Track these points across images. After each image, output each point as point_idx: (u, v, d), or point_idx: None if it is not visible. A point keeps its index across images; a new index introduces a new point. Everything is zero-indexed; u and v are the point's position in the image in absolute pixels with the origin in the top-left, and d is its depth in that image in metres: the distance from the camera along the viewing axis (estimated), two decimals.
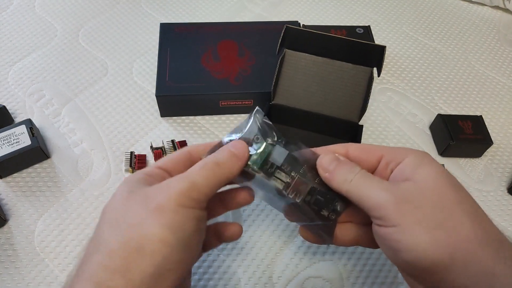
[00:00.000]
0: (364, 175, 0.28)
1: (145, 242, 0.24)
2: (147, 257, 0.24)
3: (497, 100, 0.62)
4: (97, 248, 0.25)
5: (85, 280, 0.24)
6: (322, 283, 0.44)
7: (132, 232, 0.25)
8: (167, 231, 0.25)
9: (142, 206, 0.26)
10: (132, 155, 0.51)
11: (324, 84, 0.53)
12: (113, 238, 0.25)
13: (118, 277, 0.24)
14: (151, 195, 0.26)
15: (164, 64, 0.56)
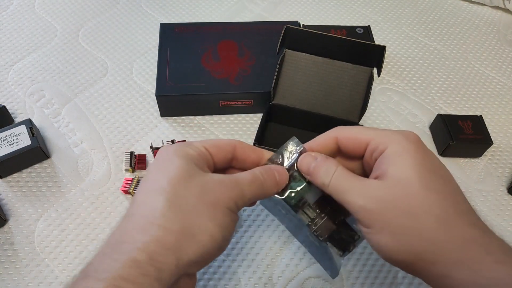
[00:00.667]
0: (339, 178, 0.29)
1: (198, 232, 0.27)
2: (196, 245, 0.26)
3: (497, 100, 0.62)
4: (153, 219, 0.26)
5: (138, 249, 0.25)
6: (322, 283, 0.44)
7: (190, 219, 0.27)
8: (218, 229, 0.27)
9: (199, 196, 0.27)
10: (132, 155, 0.51)
11: (324, 84, 0.53)
12: (172, 217, 0.26)
13: (170, 255, 0.25)
14: (208, 188, 0.28)
15: (164, 64, 0.56)
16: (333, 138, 0.32)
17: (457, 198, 0.28)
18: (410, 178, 0.27)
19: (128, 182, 0.49)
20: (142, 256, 0.25)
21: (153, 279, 0.24)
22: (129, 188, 0.48)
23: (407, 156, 0.28)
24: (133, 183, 0.48)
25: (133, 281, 0.24)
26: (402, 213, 0.27)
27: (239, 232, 0.47)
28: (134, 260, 0.24)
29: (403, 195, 0.27)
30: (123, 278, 0.24)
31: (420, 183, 0.27)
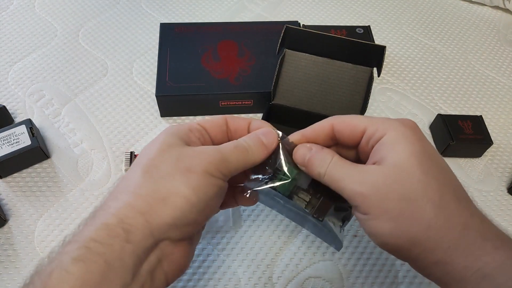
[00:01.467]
0: (334, 166, 0.30)
1: (169, 195, 0.27)
2: (169, 208, 0.27)
3: (497, 100, 0.62)
4: (126, 188, 0.28)
5: (110, 214, 0.26)
6: (322, 283, 0.44)
7: (161, 184, 0.28)
8: (191, 191, 0.28)
9: (174, 163, 0.28)
10: (132, 155, 0.51)
11: (324, 84, 0.53)
12: (143, 184, 0.28)
13: (139, 217, 0.26)
14: (185, 155, 0.29)
15: (164, 64, 0.56)
16: (329, 126, 0.32)
17: (455, 185, 0.28)
18: (408, 164, 0.27)
19: None
20: (112, 219, 0.26)
21: (122, 239, 0.25)
22: None
23: (406, 143, 0.28)
24: None
25: (102, 242, 0.25)
26: (400, 198, 0.27)
27: (239, 232, 0.47)
28: (105, 224, 0.26)
29: (401, 180, 0.27)
30: (93, 239, 0.25)
31: (419, 169, 0.27)
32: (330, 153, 0.30)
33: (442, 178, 0.28)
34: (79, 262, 0.24)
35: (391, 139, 0.28)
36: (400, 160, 0.27)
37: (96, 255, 0.25)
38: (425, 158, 0.28)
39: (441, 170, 0.28)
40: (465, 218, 0.27)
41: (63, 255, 0.25)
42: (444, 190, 0.27)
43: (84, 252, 0.25)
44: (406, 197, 0.27)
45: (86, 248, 0.25)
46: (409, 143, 0.28)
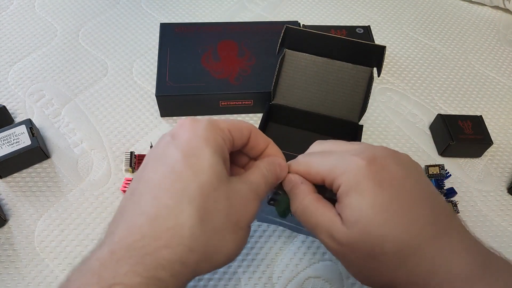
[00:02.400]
0: (305, 209, 0.30)
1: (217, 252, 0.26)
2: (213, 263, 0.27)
3: (497, 100, 0.62)
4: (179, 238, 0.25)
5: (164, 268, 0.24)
6: (322, 283, 0.44)
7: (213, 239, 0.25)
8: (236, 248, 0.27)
9: (226, 212, 0.26)
10: (132, 155, 0.51)
11: (324, 84, 0.53)
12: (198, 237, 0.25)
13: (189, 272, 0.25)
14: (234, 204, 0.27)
15: (164, 64, 0.56)
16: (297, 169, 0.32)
17: (425, 215, 0.27)
18: (364, 221, 0.26)
19: (128, 182, 0.48)
20: (165, 275, 0.24)
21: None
22: None
23: (360, 194, 0.27)
24: None
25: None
26: (362, 256, 0.27)
27: None
28: (157, 279, 0.23)
29: (360, 239, 0.27)
30: (116, 284, 0.22)
31: (375, 224, 0.26)
32: (305, 192, 0.30)
33: (405, 220, 0.26)
34: None
35: (345, 193, 0.27)
36: (356, 217, 0.27)
37: None
38: (381, 205, 0.26)
39: (405, 207, 0.27)
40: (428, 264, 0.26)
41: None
42: (404, 237, 0.26)
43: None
44: (367, 255, 0.27)
45: None
46: (363, 193, 0.27)
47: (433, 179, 0.51)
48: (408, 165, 0.29)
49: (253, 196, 0.28)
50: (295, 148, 0.53)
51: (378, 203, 0.26)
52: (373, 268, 0.27)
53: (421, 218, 0.27)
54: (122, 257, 0.23)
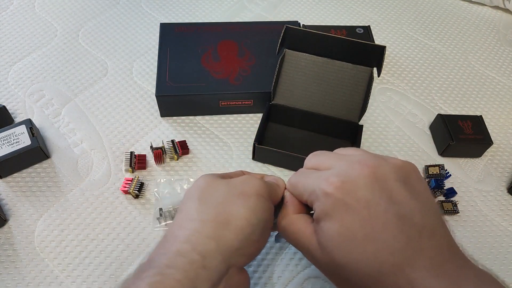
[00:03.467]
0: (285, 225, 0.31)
1: (231, 218, 0.28)
2: (233, 231, 0.28)
3: (497, 100, 0.62)
4: (188, 216, 0.29)
5: (181, 242, 0.27)
6: (321, 283, 0.44)
7: (221, 209, 0.29)
8: (251, 212, 0.29)
9: (226, 190, 0.30)
10: (132, 155, 0.51)
11: (324, 84, 0.53)
12: (204, 210, 0.29)
13: (210, 242, 0.27)
14: (234, 183, 0.31)
15: (164, 64, 0.56)
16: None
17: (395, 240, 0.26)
18: (331, 247, 0.27)
19: (128, 182, 0.48)
20: (185, 246, 0.27)
21: (198, 265, 0.26)
22: (129, 188, 0.48)
23: (328, 221, 0.28)
24: (133, 183, 0.48)
25: (178, 268, 0.25)
26: (337, 275, 0.28)
27: None
28: (178, 251, 0.26)
29: (330, 263, 0.28)
30: (168, 266, 0.26)
31: (341, 252, 0.27)
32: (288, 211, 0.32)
33: (373, 248, 0.26)
34: (157, 285, 0.25)
35: (317, 217, 0.29)
36: (325, 244, 0.28)
37: (172, 281, 0.25)
38: (346, 236, 0.27)
39: (369, 234, 0.26)
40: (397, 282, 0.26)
41: (139, 281, 0.25)
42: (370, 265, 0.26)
43: (160, 279, 0.25)
44: (342, 277, 0.28)
45: (162, 275, 0.25)
46: (331, 221, 0.27)
47: (433, 179, 0.51)
48: (383, 184, 0.27)
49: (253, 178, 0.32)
50: (295, 148, 0.53)
51: (344, 231, 0.27)
52: (349, 285, 0.28)
53: (390, 244, 0.26)
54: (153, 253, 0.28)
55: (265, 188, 0.31)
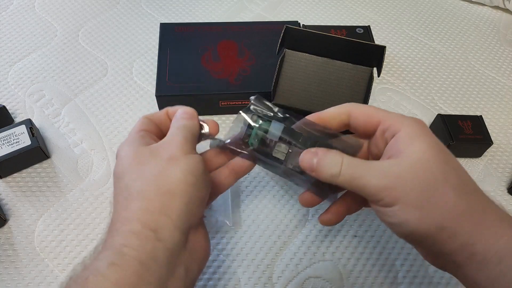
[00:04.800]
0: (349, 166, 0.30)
1: (171, 185, 0.28)
2: (177, 197, 0.28)
3: (497, 100, 0.62)
4: (130, 198, 0.28)
5: (131, 222, 0.27)
6: (322, 283, 0.44)
7: (159, 180, 0.29)
8: (187, 173, 0.29)
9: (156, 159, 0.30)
10: None
11: (324, 84, 0.53)
12: (142, 187, 0.28)
13: (160, 216, 0.27)
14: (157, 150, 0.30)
15: (164, 64, 0.56)
16: (346, 111, 0.33)
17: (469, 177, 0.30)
18: (428, 155, 0.28)
19: None
20: (136, 225, 0.27)
21: (153, 239, 0.26)
22: None
23: (422, 138, 0.29)
24: None
25: (133, 246, 0.26)
26: (424, 187, 0.28)
27: (239, 232, 0.47)
28: (131, 231, 0.27)
29: (424, 170, 0.28)
30: (124, 245, 0.26)
31: (438, 159, 0.28)
32: (339, 154, 0.30)
33: (458, 168, 0.29)
34: (115, 266, 0.25)
35: (407, 134, 0.29)
36: (420, 152, 0.29)
37: (130, 258, 0.25)
38: (442, 150, 0.29)
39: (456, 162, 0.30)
40: (483, 203, 0.29)
41: (97, 261, 0.26)
42: (461, 178, 0.29)
43: (118, 257, 0.25)
44: (430, 186, 0.28)
45: (120, 253, 0.26)
46: (425, 138, 0.29)
47: None
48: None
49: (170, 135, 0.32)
50: None
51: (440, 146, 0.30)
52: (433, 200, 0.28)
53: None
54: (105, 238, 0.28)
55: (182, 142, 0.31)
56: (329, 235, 0.47)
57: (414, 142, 0.29)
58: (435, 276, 0.45)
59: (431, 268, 0.45)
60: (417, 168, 0.28)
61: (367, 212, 0.49)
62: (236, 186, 0.50)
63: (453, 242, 0.27)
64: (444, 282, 0.44)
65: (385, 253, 0.46)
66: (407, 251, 0.46)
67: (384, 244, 0.47)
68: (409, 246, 0.46)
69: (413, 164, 0.28)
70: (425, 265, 0.45)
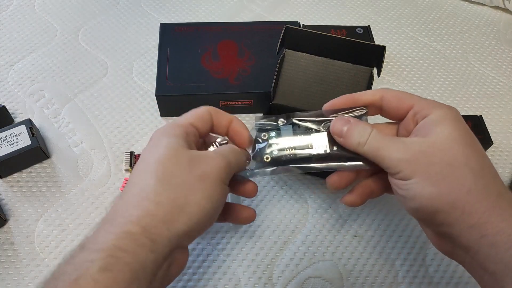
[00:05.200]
0: (376, 137, 0.31)
1: (187, 203, 0.28)
2: (186, 217, 0.28)
3: (497, 100, 0.62)
4: (144, 195, 0.28)
5: (133, 223, 0.27)
6: (322, 283, 0.44)
7: (179, 192, 0.28)
8: (207, 201, 0.29)
9: (188, 170, 0.29)
10: (132, 155, 0.51)
11: (324, 84, 0.53)
12: (162, 192, 0.28)
13: (162, 226, 0.27)
14: (197, 161, 0.30)
15: (164, 64, 0.56)
16: (380, 95, 0.34)
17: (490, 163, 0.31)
18: (452, 136, 0.30)
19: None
20: (136, 228, 0.26)
21: (148, 249, 0.26)
22: None
23: (450, 122, 0.30)
24: None
25: (128, 251, 0.25)
26: (443, 164, 0.29)
27: (239, 232, 0.47)
28: (128, 232, 0.26)
29: (445, 149, 0.29)
30: (119, 248, 0.25)
31: (462, 142, 0.30)
32: (369, 125, 0.32)
33: (481, 154, 0.30)
34: (107, 272, 0.25)
35: (436, 118, 0.31)
36: (445, 133, 0.30)
37: (123, 264, 0.25)
38: (467, 135, 0.31)
39: (480, 148, 0.31)
40: (499, 187, 0.29)
41: (88, 264, 0.25)
42: (482, 162, 0.30)
43: (111, 262, 0.25)
44: (449, 165, 0.29)
45: (113, 257, 0.25)
46: (453, 122, 0.30)
47: None
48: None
49: (217, 155, 0.32)
50: None
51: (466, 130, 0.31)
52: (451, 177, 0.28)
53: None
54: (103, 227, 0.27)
55: (227, 169, 0.31)
56: (329, 235, 0.47)
57: (441, 124, 0.30)
58: (435, 276, 0.45)
59: (431, 268, 0.45)
60: (439, 147, 0.29)
61: (367, 212, 0.49)
62: None
63: (464, 221, 0.28)
64: (444, 282, 0.44)
65: (385, 253, 0.46)
66: (407, 251, 0.46)
67: (384, 244, 0.47)
68: (409, 246, 0.46)
69: (437, 143, 0.29)
70: (425, 265, 0.45)
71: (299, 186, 0.51)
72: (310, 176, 0.51)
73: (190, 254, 0.44)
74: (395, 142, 0.31)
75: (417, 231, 0.48)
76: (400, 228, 0.48)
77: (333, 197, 0.50)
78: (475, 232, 0.27)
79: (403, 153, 0.30)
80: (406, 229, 0.48)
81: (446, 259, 0.46)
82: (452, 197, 0.28)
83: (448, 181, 0.28)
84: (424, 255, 0.46)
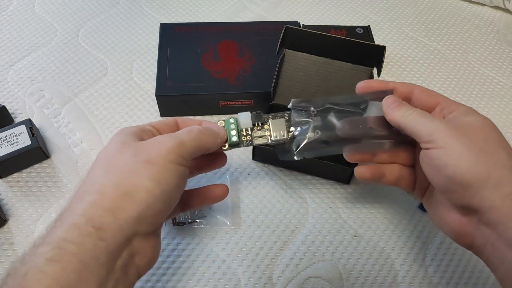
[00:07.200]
0: (418, 112, 0.33)
1: (133, 189, 0.28)
2: (133, 202, 0.28)
3: (497, 100, 0.62)
4: (90, 188, 0.29)
5: (78, 215, 0.27)
6: (322, 283, 0.44)
7: (123, 179, 0.28)
8: (154, 183, 0.28)
9: (133, 157, 0.29)
10: None
11: (324, 84, 0.53)
12: (106, 181, 0.28)
13: (107, 214, 0.27)
14: (143, 148, 0.30)
15: (164, 64, 0.56)
16: (410, 86, 0.37)
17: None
18: (485, 123, 0.32)
19: None
20: (81, 219, 0.26)
21: (94, 238, 0.26)
22: None
23: (478, 114, 0.33)
24: None
25: (74, 241, 0.25)
26: (479, 139, 0.30)
27: (239, 232, 0.47)
28: (74, 224, 0.26)
29: (479, 129, 0.31)
30: (65, 239, 0.25)
31: (494, 129, 0.32)
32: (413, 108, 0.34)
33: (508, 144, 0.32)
34: (54, 262, 0.25)
35: (464, 110, 0.33)
36: (477, 119, 0.32)
37: (70, 254, 0.25)
38: (494, 125, 0.32)
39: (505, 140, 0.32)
40: None
41: (36, 256, 0.25)
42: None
43: (58, 253, 0.25)
44: (485, 140, 0.30)
45: (60, 248, 0.25)
46: (481, 115, 0.33)
47: None
48: None
49: (167, 137, 0.31)
50: None
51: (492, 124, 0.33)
52: (488, 151, 0.30)
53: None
54: (54, 225, 0.28)
55: (176, 148, 0.30)
56: (329, 235, 0.47)
57: (471, 115, 0.33)
58: (435, 276, 0.45)
59: (431, 268, 0.45)
60: (474, 127, 0.31)
61: (367, 212, 0.49)
62: (236, 186, 0.50)
63: (498, 191, 0.28)
64: (444, 282, 0.44)
65: (385, 253, 0.46)
66: (407, 251, 0.46)
67: (384, 244, 0.47)
68: (409, 246, 0.46)
69: (471, 124, 0.31)
70: (425, 265, 0.45)
71: (299, 186, 0.51)
72: (310, 176, 0.51)
73: (190, 254, 0.45)
74: (434, 117, 0.33)
75: (417, 231, 0.48)
76: (400, 228, 0.48)
77: (332, 197, 0.50)
78: (506, 205, 0.28)
79: (441, 123, 0.31)
80: (406, 229, 0.48)
81: (446, 259, 0.46)
82: (488, 167, 0.29)
83: (485, 153, 0.29)
84: (424, 255, 0.46)
